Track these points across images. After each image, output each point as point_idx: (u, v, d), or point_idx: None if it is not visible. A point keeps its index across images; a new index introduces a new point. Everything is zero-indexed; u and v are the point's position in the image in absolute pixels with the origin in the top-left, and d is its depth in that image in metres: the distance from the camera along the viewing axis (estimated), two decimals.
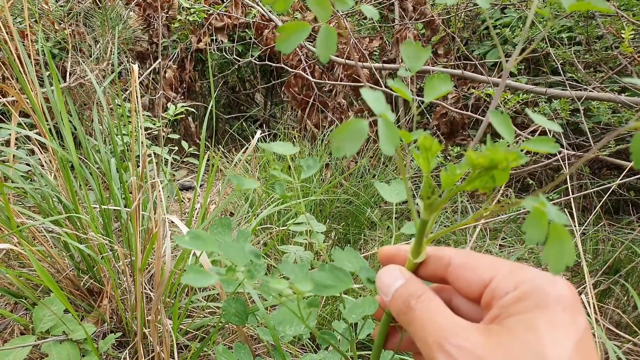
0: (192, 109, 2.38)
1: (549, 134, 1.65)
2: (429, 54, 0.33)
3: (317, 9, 0.27)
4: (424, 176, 0.29)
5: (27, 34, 1.32)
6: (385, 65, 1.97)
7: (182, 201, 2.00)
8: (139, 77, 2.30)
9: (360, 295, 0.36)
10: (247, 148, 1.22)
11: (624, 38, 1.16)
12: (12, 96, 1.20)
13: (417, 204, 0.34)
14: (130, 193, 1.02)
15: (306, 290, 0.30)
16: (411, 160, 1.94)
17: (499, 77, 1.83)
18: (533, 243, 0.24)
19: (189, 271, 0.31)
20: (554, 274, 0.23)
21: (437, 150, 0.29)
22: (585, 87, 1.58)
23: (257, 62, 2.53)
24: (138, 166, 1.06)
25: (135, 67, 0.94)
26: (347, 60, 2.12)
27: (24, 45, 1.18)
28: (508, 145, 0.35)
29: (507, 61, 0.31)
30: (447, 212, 1.83)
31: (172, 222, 0.84)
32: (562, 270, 0.24)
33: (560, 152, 1.29)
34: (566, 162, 1.27)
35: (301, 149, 1.90)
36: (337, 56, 2.23)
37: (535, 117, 0.30)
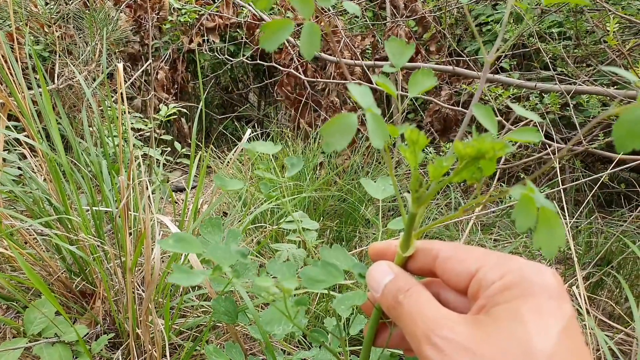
0: (185, 110, 2.37)
1: (540, 129, 1.67)
2: (413, 50, 0.33)
3: (300, 6, 0.27)
4: (411, 169, 0.29)
5: (15, 37, 1.31)
6: (377, 62, 1.97)
7: (176, 202, 1.99)
8: (130, 79, 2.28)
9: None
10: (238, 148, 1.21)
11: (610, 31, 1.17)
12: (0, 99, 1.19)
13: (403, 197, 0.34)
14: (120, 194, 1.01)
15: (292, 287, 0.30)
16: (403, 157, 1.94)
17: (491, 73, 1.84)
18: (523, 230, 0.24)
19: (175, 271, 0.31)
20: (547, 257, 0.23)
21: (424, 143, 0.29)
22: (574, 81, 1.59)
23: (249, 62, 2.52)
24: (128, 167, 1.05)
25: (121, 65, 0.94)
26: (338, 58, 2.12)
27: (11, 48, 1.16)
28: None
29: (498, 59, 0.31)
30: (440, 207, 1.84)
31: (163, 222, 0.83)
32: (555, 254, 0.24)
33: (551, 146, 1.30)
34: (557, 156, 1.28)
35: (294, 147, 1.90)
36: (330, 54, 2.23)
37: (516, 108, 0.31)
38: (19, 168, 1.23)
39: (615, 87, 1.67)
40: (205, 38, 2.61)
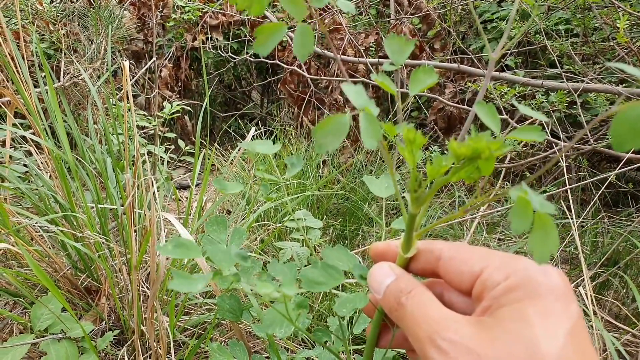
0: (189, 108, 2.37)
1: (546, 128, 1.65)
2: (413, 47, 0.33)
3: (291, 8, 0.26)
4: (410, 169, 0.29)
5: (21, 35, 1.32)
6: (382, 60, 1.96)
7: (180, 200, 2.00)
8: (134, 77, 2.29)
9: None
10: (241, 146, 1.21)
11: (619, 28, 1.15)
12: (7, 97, 1.20)
13: (404, 197, 0.34)
14: (125, 191, 1.02)
15: (293, 294, 0.29)
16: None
17: (496, 71, 1.83)
18: (519, 232, 0.23)
19: (175, 277, 0.31)
20: (538, 263, 0.23)
21: (421, 143, 0.28)
22: (582, 79, 1.57)
23: (252, 60, 2.52)
24: (133, 165, 1.06)
25: (127, 63, 0.94)
26: (341, 56, 2.11)
27: (18, 46, 1.17)
28: (494, 136, 0.34)
29: (504, 56, 0.31)
30: (445, 207, 1.83)
31: (168, 220, 0.84)
32: (547, 259, 0.23)
33: (557, 145, 1.29)
34: (563, 154, 1.27)
35: (297, 145, 1.90)
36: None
37: (521, 107, 0.30)
38: (25, 165, 1.24)
39: (623, 85, 1.65)
40: (209, 36, 2.61)
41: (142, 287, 1.02)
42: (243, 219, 1.38)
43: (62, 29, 2.07)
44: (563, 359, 0.21)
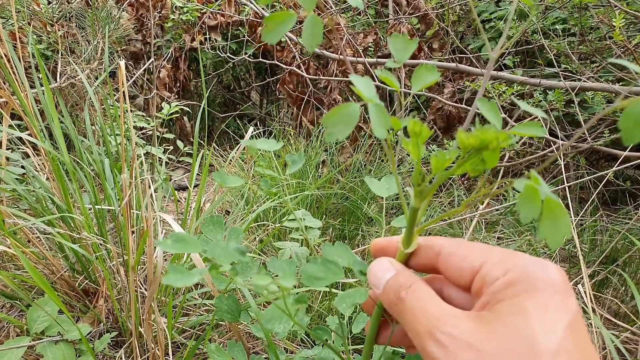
0: (187, 109, 2.37)
1: (544, 126, 1.65)
2: (416, 45, 0.33)
3: None
4: (414, 163, 0.29)
5: (17, 36, 1.31)
6: (380, 60, 1.96)
7: (179, 201, 1.99)
8: (132, 77, 2.28)
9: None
10: (240, 146, 1.21)
11: (616, 27, 1.15)
12: (3, 98, 1.19)
13: (405, 192, 0.34)
14: (123, 192, 1.01)
15: (290, 285, 0.29)
16: (407, 154, 1.94)
17: (494, 70, 1.83)
18: (528, 221, 0.23)
19: (170, 271, 0.31)
20: (553, 248, 0.23)
21: (426, 136, 0.28)
22: (579, 77, 1.57)
23: (251, 60, 2.52)
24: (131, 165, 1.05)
25: (123, 63, 0.93)
26: (340, 56, 2.11)
27: (14, 47, 1.17)
28: None
29: (502, 55, 0.30)
30: (444, 205, 1.83)
31: (166, 220, 0.83)
32: (561, 244, 0.23)
33: (555, 143, 1.29)
34: (561, 152, 1.27)
35: (297, 146, 1.90)
36: (332, 52, 2.22)
37: (521, 104, 0.30)
38: (22, 167, 1.23)
39: (620, 83, 1.66)
40: (207, 36, 2.61)
41: (140, 288, 1.01)
42: (242, 219, 1.37)
43: (59, 30, 2.06)
44: (561, 352, 0.21)
